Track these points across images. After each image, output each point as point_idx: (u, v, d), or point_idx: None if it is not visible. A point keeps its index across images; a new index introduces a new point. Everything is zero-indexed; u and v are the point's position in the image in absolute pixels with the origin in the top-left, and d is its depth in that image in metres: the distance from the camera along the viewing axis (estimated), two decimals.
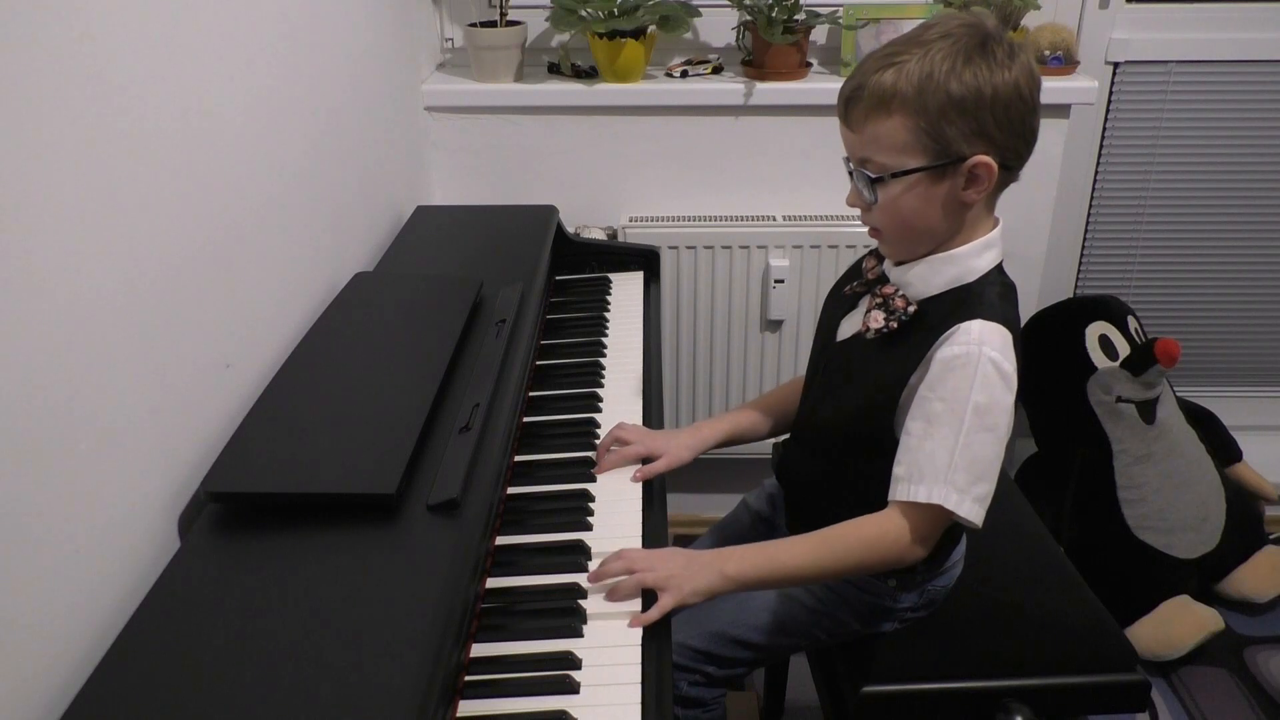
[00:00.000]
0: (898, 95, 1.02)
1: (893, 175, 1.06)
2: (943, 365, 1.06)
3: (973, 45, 1.02)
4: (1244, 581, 2.04)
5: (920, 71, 1.01)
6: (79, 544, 0.85)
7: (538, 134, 1.99)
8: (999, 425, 1.06)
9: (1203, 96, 2.16)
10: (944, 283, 1.10)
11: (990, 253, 1.11)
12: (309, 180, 1.38)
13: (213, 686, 0.79)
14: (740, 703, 1.84)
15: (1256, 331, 2.38)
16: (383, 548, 0.95)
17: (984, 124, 1.03)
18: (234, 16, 1.16)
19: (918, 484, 1.06)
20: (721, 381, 2.13)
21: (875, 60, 1.05)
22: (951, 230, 1.10)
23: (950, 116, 1.02)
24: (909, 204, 1.07)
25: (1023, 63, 1.04)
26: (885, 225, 1.11)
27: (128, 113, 0.93)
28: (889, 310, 1.12)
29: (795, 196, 2.02)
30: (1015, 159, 1.07)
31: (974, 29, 1.04)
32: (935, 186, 1.06)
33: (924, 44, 1.03)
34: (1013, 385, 1.06)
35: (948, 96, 1.01)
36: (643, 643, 0.98)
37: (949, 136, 1.03)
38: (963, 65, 1.01)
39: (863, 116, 1.06)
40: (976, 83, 1.01)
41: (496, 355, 1.25)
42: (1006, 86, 1.02)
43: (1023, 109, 1.04)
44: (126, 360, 0.92)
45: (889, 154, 1.05)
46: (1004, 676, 1.27)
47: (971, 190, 1.06)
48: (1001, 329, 1.06)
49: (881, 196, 1.07)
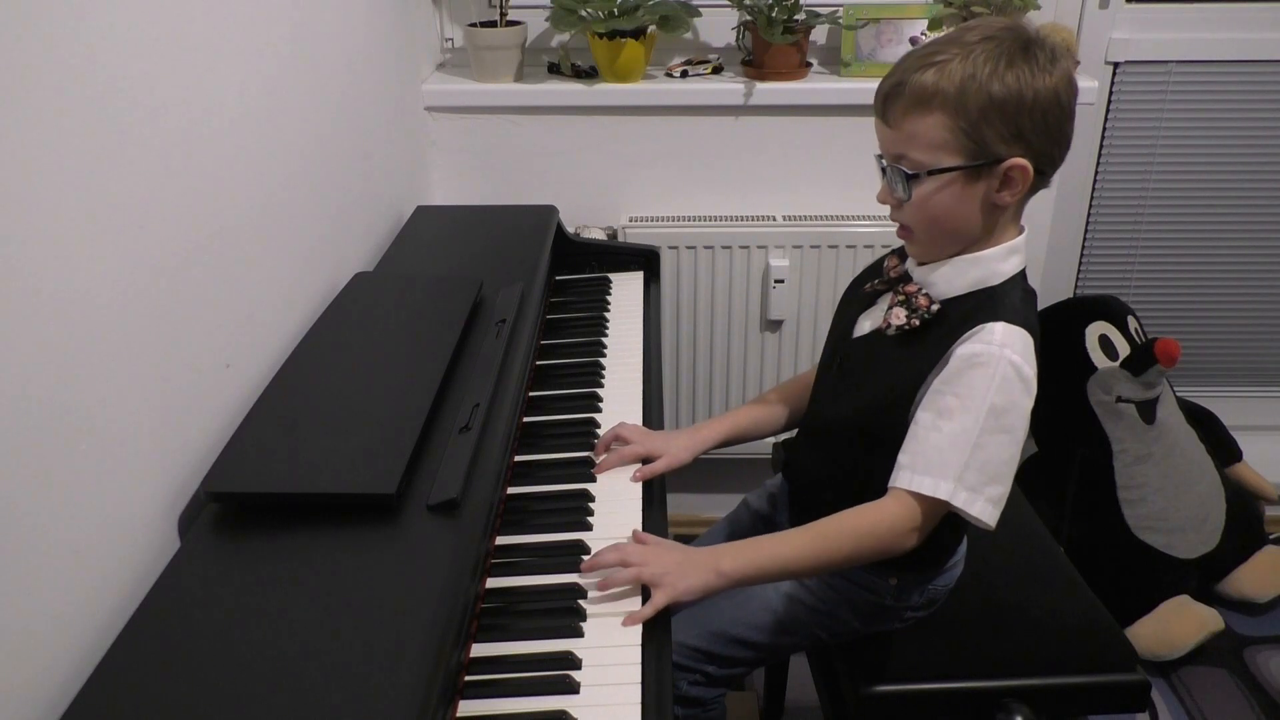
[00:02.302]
0: (939, 93, 1.03)
1: (929, 173, 1.06)
2: (962, 361, 1.06)
3: (1016, 48, 1.03)
4: (1244, 581, 2.04)
5: (963, 71, 1.02)
6: (79, 544, 0.85)
7: (538, 134, 1.99)
8: (1015, 428, 1.06)
9: (1203, 96, 2.16)
10: (967, 284, 1.11)
11: (1015, 258, 1.12)
12: (309, 180, 1.38)
13: (212, 687, 0.79)
14: (740, 703, 1.84)
15: (1256, 331, 2.38)
16: (383, 548, 0.95)
17: (1022, 127, 1.03)
18: (234, 16, 1.16)
19: (922, 474, 1.06)
20: (721, 381, 2.13)
21: (916, 58, 1.06)
22: (981, 232, 1.10)
23: (990, 117, 1.02)
24: (942, 202, 1.07)
25: (1063, 69, 1.04)
26: (916, 223, 1.11)
27: (127, 112, 0.93)
28: (911, 308, 1.12)
29: (795, 196, 2.02)
30: (1049, 164, 1.08)
31: (1017, 33, 1.04)
32: (970, 187, 1.06)
33: (966, 45, 1.03)
34: (1032, 390, 1.07)
35: (989, 97, 1.02)
36: (643, 643, 0.98)
37: (987, 137, 1.03)
38: (1005, 67, 1.02)
39: (902, 113, 1.06)
40: (1018, 85, 1.02)
41: (496, 355, 1.25)
42: (1047, 91, 1.03)
43: (1060, 115, 1.05)
44: (126, 360, 0.92)
45: (926, 151, 1.05)
46: (1004, 676, 1.27)
47: (1005, 192, 1.06)
48: (1024, 333, 1.07)
49: (915, 194, 1.08)
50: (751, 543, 1.11)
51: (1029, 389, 1.06)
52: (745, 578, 1.08)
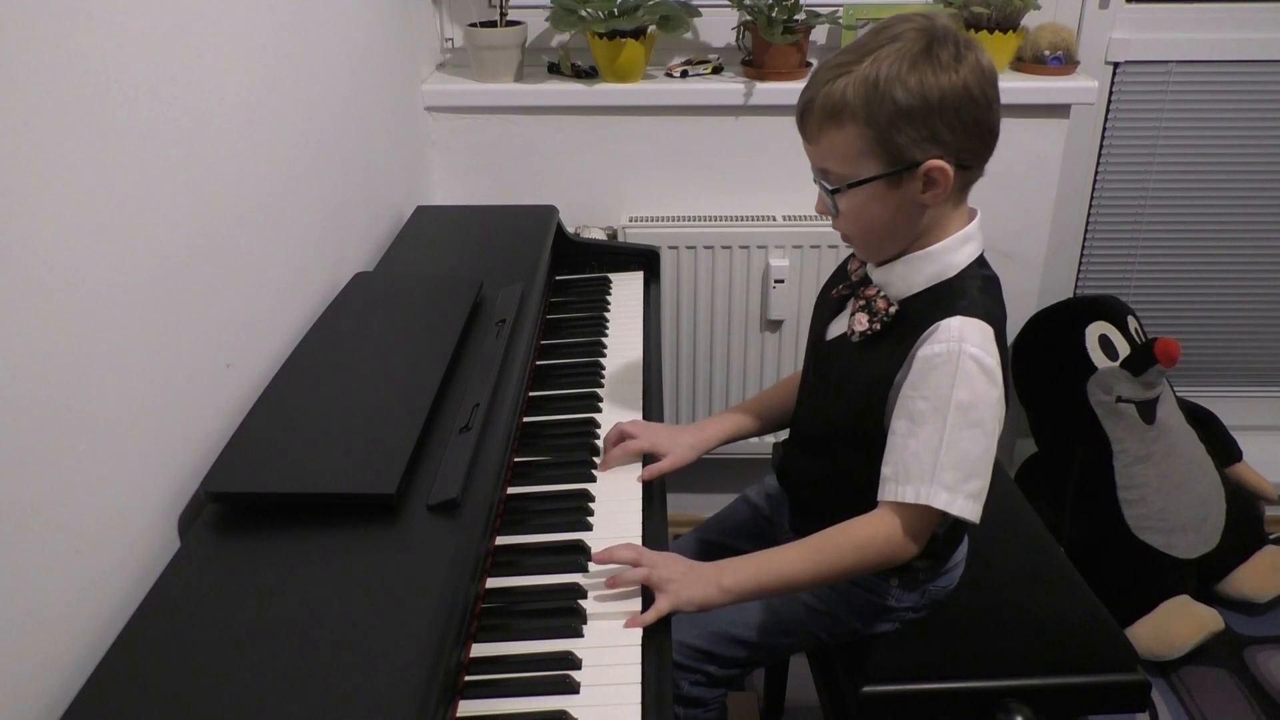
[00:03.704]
0: (847, 107, 1.02)
1: (849, 185, 1.06)
2: (924, 364, 1.06)
3: (918, 50, 1.01)
4: (1244, 581, 2.04)
5: (867, 81, 1.01)
6: (78, 544, 0.85)
7: (538, 134, 1.99)
8: (984, 420, 1.05)
9: (1203, 96, 2.16)
10: (924, 280, 1.10)
11: (968, 246, 1.11)
12: (309, 180, 1.38)
13: (212, 687, 0.79)
14: (740, 703, 1.84)
15: (1256, 331, 2.38)
16: (383, 548, 0.95)
17: (934, 129, 1.02)
18: (234, 16, 1.16)
19: (904, 484, 1.06)
20: (721, 381, 2.13)
21: (827, 70, 1.05)
22: (917, 232, 1.10)
23: (899, 125, 1.01)
24: (870, 211, 1.07)
25: (971, 62, 1.02)
26: (851, 232, 1.12)
27: (127, 111, 0.93)
28: (872, 312, 1.12)
29: (795, 196, 2.02)
30: (973, 158, 1.07)
31: (921, 32, 1.02)
32: (893, 193, 1.06)
33: (871, 51, 1.02)
34: (997, 379, 1.06)
35: (895, 105, 1.01)
36: (643, 643, 0.98)
37: (900, 144, 1.03)
38: (908, 71, 1.00)
39: (817, 129, 1.06)
40: (922, 89, 1.00)
41: (496, 355, 1.25)
42: (954, 89, 1.01)
43: (974, 109, 1.03)
44: (126, 360, 0.92)
45: (844, 164, 1.06)
46: (1004, 676, 1.27)
47: (929, 194, 1.06)
48: (981, 324, 1.06)
49: (843, 205, 1.08)
50: (752, 558, 1.11)
51: (993, 379, 1.05)
52: (746, 593, 1.09)
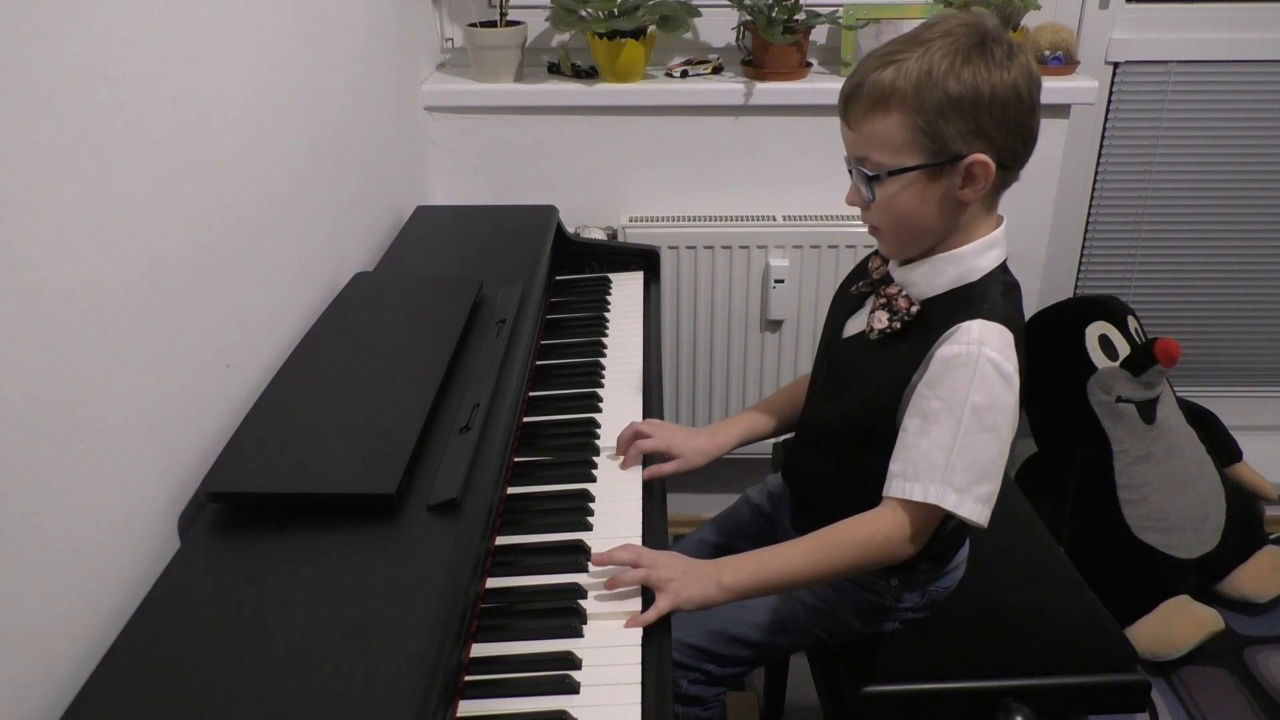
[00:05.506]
0: (896, 93, 1.02)
1: (889, 173, 1.06)
2: (942, 364, 1.06)
3: (971, 44, 1.02)
4: (1244, 581, 2.04)
5: (919, 70, 1.02)
6: (78, 544, 0.85)
7: (538, 134, 1.99)
8: (999, 425, 1.06)
9: (1203, 96, 2.16)
10: (946, 282, 1.11)
11: (993, 251, 1.11)
12: (309, 180, 1.38)
13: (212, 687, 0.79)
14: (740, 703, 1.84)
15: (1256, 331, 2.38)
16: (383, 548, 0.95)
17: (981, 123, 1.03)
18: (234, 16, 1.16)
19: (913, 481, 1.06)
20: (721, 381, 2.13)
21: (875, 58, 1.06)
22: (949, 229, 1.10)
23: (948, 115, 1.02)
24: (906, 202, 1.07)
25: (1022, 63, 1.04)
26: (883, 223, 1.11)
27: (127, 111, 0.93)
28: (892, 311, 1.12)
29: (795, 196, 2.02)
30: (1013, 159, 1.07)
31: (974, 28, 1.04)
32: (932, 185, 1.06)
33: (924, 43, 1.03)
34: (1014, 385, 1.06)
35: (945, 95, 1.01)
36: (643, 643, 0.98)
37: (946, 135, 1.03)
38: (961, 64, 1.01)
39: (861, 114, 1.06)
40: (975, 82, 1.01)
41: (496, 355, 1.25)
42: (1005, 86, 1.02)
43: (1021, 109, 1.04)
44: (126, 360, 0.92)
45: (886, 152, 1.05)
46: (1004, 676, 1.27)
47: (968, 189, 1.06)
48: (1002, 329, 1.07)
49: (879, 194, 1.08)
50: (753, 555, 1.11)
51: (1010, 384, 1.06)
52: (746, 591, 1.09)
